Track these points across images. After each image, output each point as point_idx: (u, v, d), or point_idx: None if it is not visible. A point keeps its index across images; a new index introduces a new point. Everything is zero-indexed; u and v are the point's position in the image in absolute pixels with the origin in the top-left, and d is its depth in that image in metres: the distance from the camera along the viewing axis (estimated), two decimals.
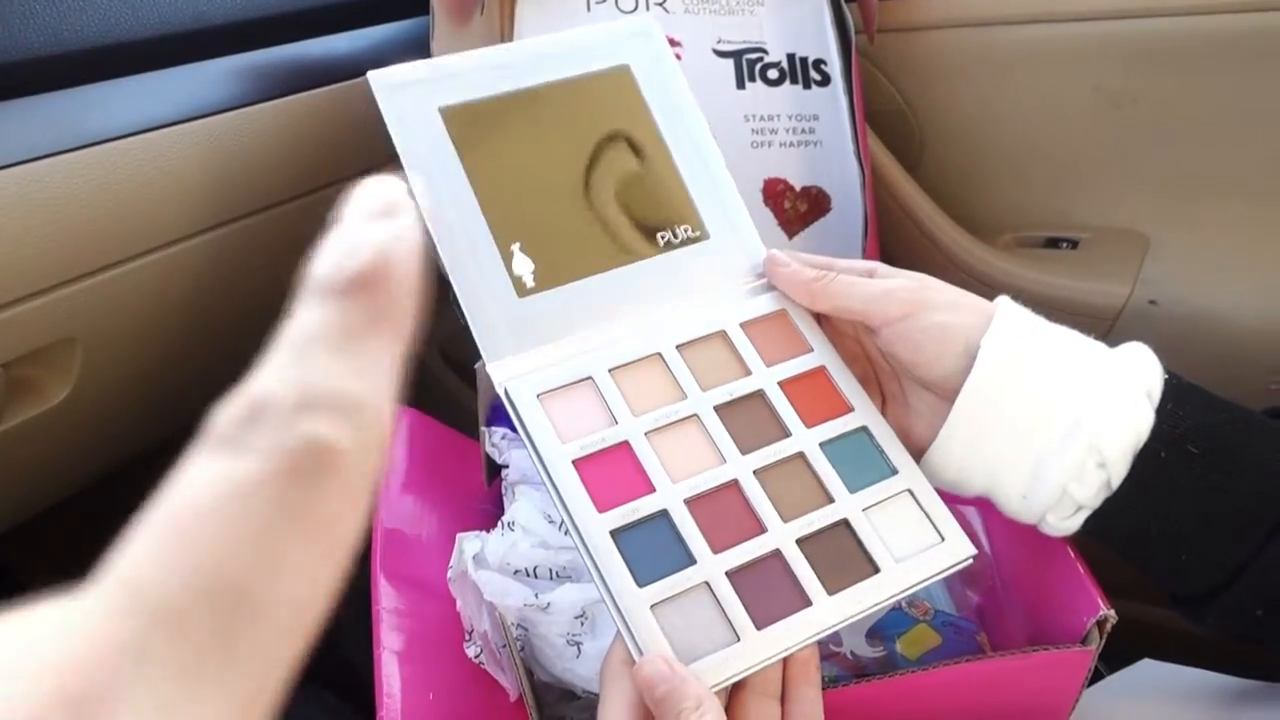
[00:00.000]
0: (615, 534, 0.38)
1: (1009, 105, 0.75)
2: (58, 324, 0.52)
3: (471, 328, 0.41)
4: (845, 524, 0.40)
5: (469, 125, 0.44)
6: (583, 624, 0.44)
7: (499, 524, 0.49)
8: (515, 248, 0.43)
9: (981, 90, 0.75)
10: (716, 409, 0.42)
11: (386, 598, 0.49)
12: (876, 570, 0.39)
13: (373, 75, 0.43)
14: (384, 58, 0.40)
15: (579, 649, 0.44)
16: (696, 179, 0.47)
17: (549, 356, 0.42)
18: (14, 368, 0.52)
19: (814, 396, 0.43)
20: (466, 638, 0.47)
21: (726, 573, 0.38)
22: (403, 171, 0.69)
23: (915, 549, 0.40)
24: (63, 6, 0.54)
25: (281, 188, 0.64)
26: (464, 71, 0.44)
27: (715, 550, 0.38)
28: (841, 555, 0.39)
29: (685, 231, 0.46)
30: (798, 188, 0.66)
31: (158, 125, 0.55)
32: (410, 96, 0.43)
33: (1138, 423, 0.39)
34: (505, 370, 0.41)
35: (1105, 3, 0.69)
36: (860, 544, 0.40)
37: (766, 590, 0.38)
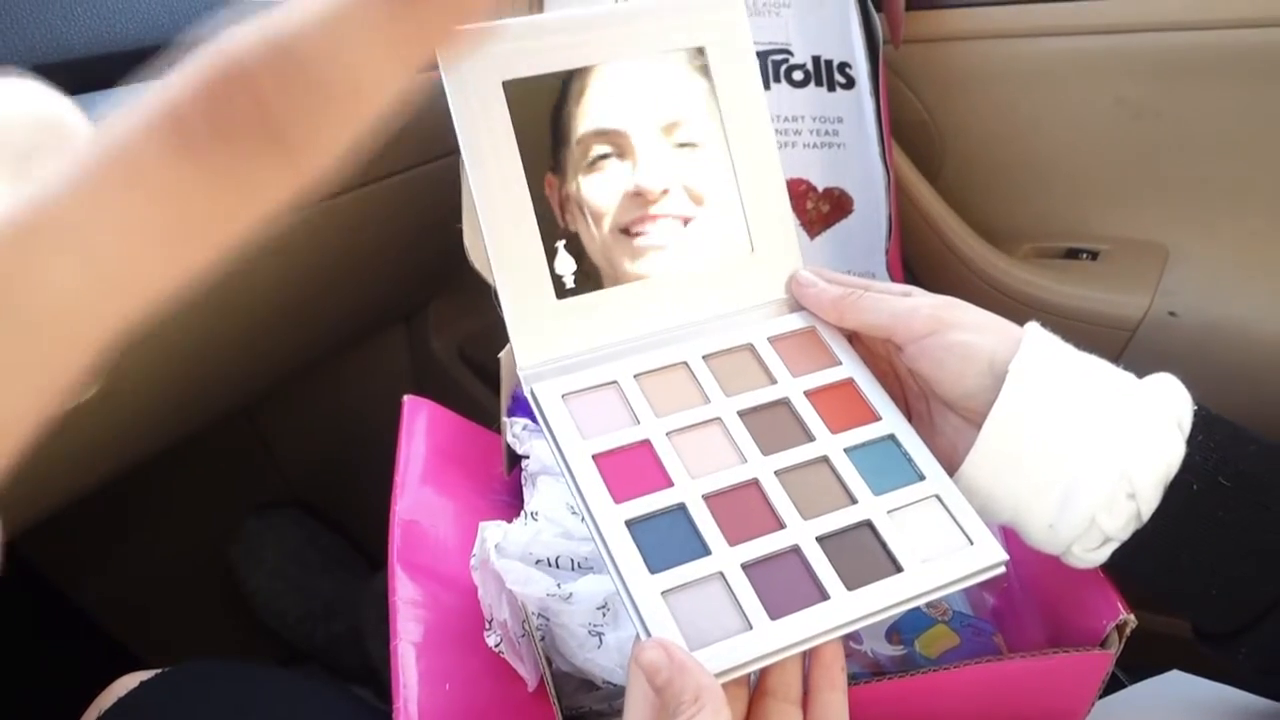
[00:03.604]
0: (631, 524, 0.37)
1: (1030, 116, 0.75)
2: None
3: (508, 322, 0.41)
4: (868, 524, 0.39)
5: (530, 103, 0.42)
6: (604, 614, 0.44)
7: (522, 514, 0.49)
8: (560, 245, 0.42)
9: (1003, 101, 0.75)
10: (740, 413, 0.42)
11: (404, 588, 0.49)
12: (899, 569, 0.38)
13: None
14: None
15: (600, 639, 0.44)
16: (751, 186, 0.46)
17: (578, 360, 0.42)
18: None
19: (841, 406, 0.43)
20: (486, 626, 0.47)
21: (742, 565, 0.37)
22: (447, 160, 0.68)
23: (942, 552, 0.39)
24: (103, 9, 0.55)
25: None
26: (533, 40, 0.42)
27: (732, 543, 0.38)
28: (863, 554, 0.38)
29: (731, 242, 0.45)
30: (820, 189, 0.67)
31: None
32: (474, 62, 0.40)
33: (1169, 453, 0.39)
34: (534, 370, 0.41)
35: (1127, 16, 0.69)
36: (883, 544, 0.39)
37: (783, 583, 0.37)
